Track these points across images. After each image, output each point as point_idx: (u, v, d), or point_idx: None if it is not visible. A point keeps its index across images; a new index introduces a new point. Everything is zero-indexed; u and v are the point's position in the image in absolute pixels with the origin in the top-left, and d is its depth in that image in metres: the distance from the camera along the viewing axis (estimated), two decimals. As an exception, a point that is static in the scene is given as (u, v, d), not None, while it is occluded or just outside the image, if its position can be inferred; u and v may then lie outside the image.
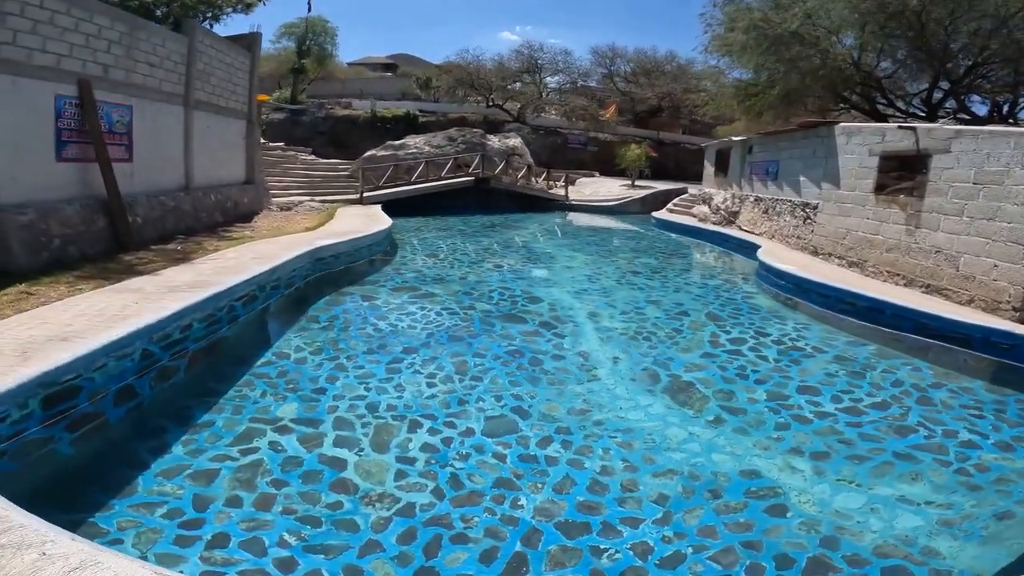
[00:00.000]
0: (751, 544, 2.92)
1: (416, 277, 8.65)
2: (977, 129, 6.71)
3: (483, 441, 3.84)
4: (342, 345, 5.50)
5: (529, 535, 2.90)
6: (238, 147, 13.43)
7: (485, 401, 4.47)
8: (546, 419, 4.23)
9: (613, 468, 3.61)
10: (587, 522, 3.04)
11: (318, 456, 3.49)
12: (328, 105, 28.38)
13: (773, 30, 12.69)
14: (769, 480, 3.54)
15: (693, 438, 4.08)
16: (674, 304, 7.82)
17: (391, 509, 3.04)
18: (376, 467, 3.43)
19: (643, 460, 3.72)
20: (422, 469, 3.44)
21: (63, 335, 3.80)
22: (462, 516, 3.03)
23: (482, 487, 3.31)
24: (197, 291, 5.21)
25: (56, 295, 5.15)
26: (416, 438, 3.81)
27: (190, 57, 10.49)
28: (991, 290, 6.27)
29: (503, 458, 3.65)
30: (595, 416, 4.35)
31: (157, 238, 9.01)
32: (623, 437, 4.03)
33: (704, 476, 3.57)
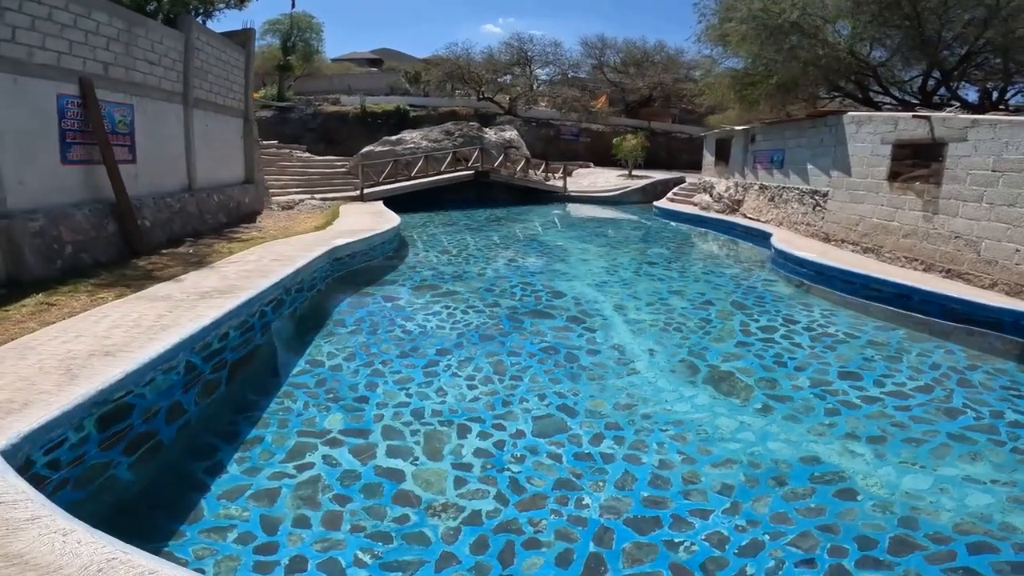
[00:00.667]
0: (827, 528, 3.00)
1: (434, 275, 8.62)
2: (995, 118, 6.87)
3: (535, 442, 3.83)
4: (374, 349, 5.46)
5: (600, 534, 2.93)
6: (237, 146, 13.33)
7: (529, 401, 4.46)
8: (594, 416, 4.25)
9: (671, 461, 3.66)
10: (656, 516, 3.08)
11: (374, 468, 3.46)
12: (316, 102, 28.13)
13: (773, 20, 12.79)
14: (831, 465, 3.62)
15: (745, 427, 4.15)
16: (697, 294, 7.91)
17: (458, 519, 3.03)
18: (434, 476, 3.41)
19: (699, 452, 3.78)
20: (480, 475, 3.43)
21: (105, 349, 3.71)
22: (530, 520, 3.03)
23: (543, 489, 3.31)
24: (229, 297, 5.14)
25: (79, 305, 5.05)
26: (467, 443, 3.80)
27: (187, 54, 10.37)
28: (1014, 274, 6.45)
29: (558, 458, 3.65)
30: (642, 410, 4.39)
31: (166, 241, 8.95)
32: (675, 430, 4.08)
33: (764, 464, 3.64)
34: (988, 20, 12.28)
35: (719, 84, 17.83)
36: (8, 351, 3.76)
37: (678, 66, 31.52)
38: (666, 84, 31.40)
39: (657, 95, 32.24)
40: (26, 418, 2.73)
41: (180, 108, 10.26)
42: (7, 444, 2.52)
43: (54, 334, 4.11)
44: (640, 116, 33.73)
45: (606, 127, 30.48)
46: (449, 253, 10.44)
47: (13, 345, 3.89)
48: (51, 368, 3.38)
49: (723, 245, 12.73)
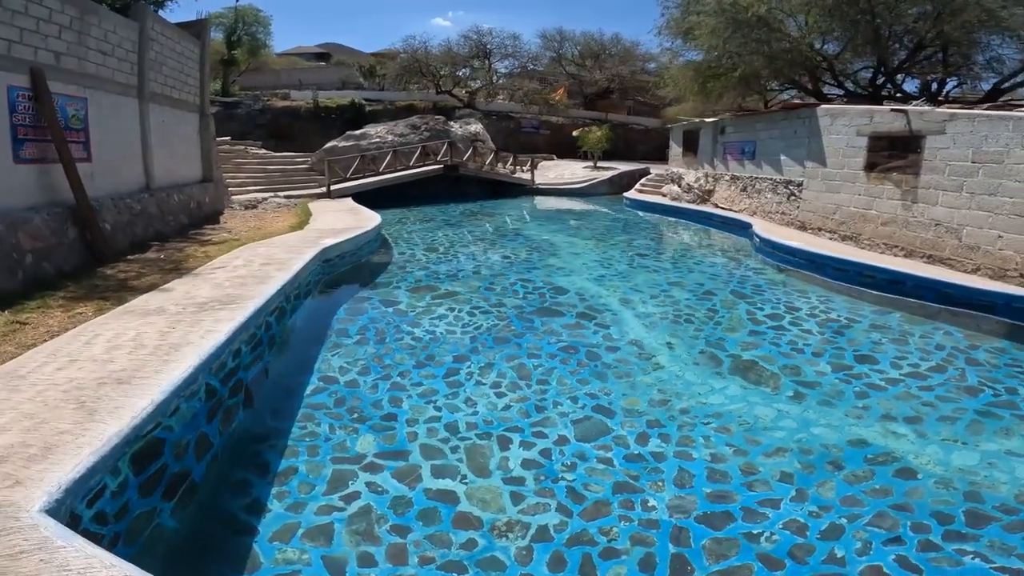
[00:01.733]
0: (901, 507, 3.14)
1: (428, 275, 8.45)
2: (974, 112, 7.35)
3: (582, 447, 3.79)
4: (388, 361, 5.21)
5: (676, 534, 2.93)
6: (193, 142, 12.72)
7: (563, 404, 4.40)
8: (632, 415, 4.26)
9: (722, 455, 3.71)
10: (727, 511, 3.13)
11: (424, 492, 3.30)
12: (264, 97, 27.15)
13: (741, 14, 13.23)
14: (879, 447, 3.80)
15: (784, 415, 4.28)
16: (696, 284, 8.11)
17: (526, 536, 2.94)
18: (488, 494, 3.29)
19: (747, 442, 3.86)
20: (535, 487, 3.35)
21: (115, 376, 3.34)
22: (600, 529, 2.99)
23: (604, 495, 3.28)
24: (234, 307, 4.80)
25: (56, 323, 4.61)
26: (512, 455, 3.69)
27: (142, 45, 9.79)
28: (997, 259, 6.95)
29: (609, 462, 3.63)
30: (678, 405, 4.45)
31: (129, 246, 8.41)
32: (716, 422, 4.15)
33: (815, 450, 3.77)
34: (938, 15, 13.17)
35: (683, 76, 18.26)
36: None
37: (634, 58, 32.11)
38: (624, 76, 31.95)
39: (615, 87, 32.76)
40: (58, 465, 2.39)
41: (135, 102, 9.68)
42: (49, 500, 2.17)
43: (42, 359, 3.70)
44: (597, 108, 34.29)
45: (565, 120, 30.82)
46: (435, 251, 10.27)
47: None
48: (58, 401, 3.02)
49: (703, 235, 13.09)
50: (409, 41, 30.05)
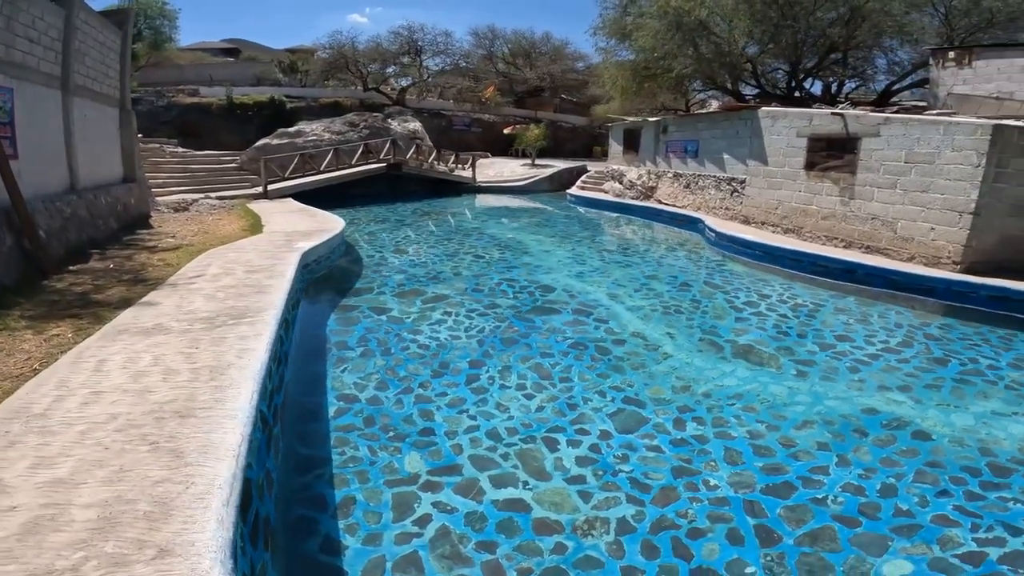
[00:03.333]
0: (934, 464, 3.69)
1: (407, 278, 8.36)
2: (907, 117, 8.44)
3: (627, 439, 3.98)
4: (403, 372, 5.10)
5: (750, 507, 3.21)
6: (114, 139, 11.79)
7: (592, 400, 4.58)
8: (661, 403, 4.57)
9: (758, 431, 4.12)
10: (786, 480, 3.50)
11: (493, 503, 3.30)
12: (169, 93, 25.26)
13: (684, 17, 14.17)
14: (889, 413, 4.39)
15: (796, 392, 4.81)
16: (670, 277, 8.69)
17: (611, 532, 3.04)
18: (557, 496, 3.35)
19: (775, 418, 4.32)
20: (599, 483, 3.47)
21: (170, 408, 3.10)
22: (677, 512, 3.19)
23: (666, 481, 3.48)
24: (250, 321, 4.60)
25: (35, 348, 4.19)
26: (563, 455, 3.79)
27: (67, 33, 9.04)
28: (930, 248, 8.05)
29: (658, 449, 3.85)
30: (699, 389, 4.85)
31: (65, 254, 7.72)
32: (740, 403, 4.58)
33: (836, 421, 4.29)
34: (848, 22, 14.87)
35: (620, 75, 19.07)
36: (12, 426, 2.96)
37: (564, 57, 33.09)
38: (555, 75, 32.82)
39: (546, 85, 33.58)
40: (193, 524, 2.15)
41: (59, 94, 8.90)
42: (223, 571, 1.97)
43: (51, 393, 3.35)
44: (526, 106, 34.99)
45: (496, 117, 31.20)
46: (404, 252, 10.19)
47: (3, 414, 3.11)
48: (120, 444, 2.75)
49: (656, 231, 13.85)
50: (336, 36, 29.16)
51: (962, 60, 12.85)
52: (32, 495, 2.38)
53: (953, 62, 13.04)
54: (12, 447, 2.77)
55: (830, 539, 2.99)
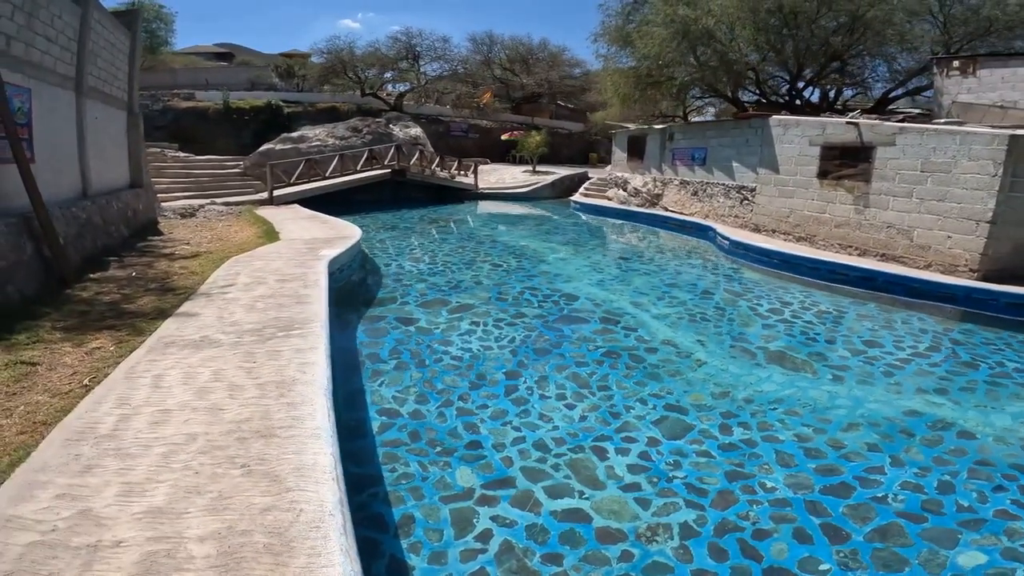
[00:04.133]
0: (983, 462, 3.89)
1: (429, 287, 8.43)
2: (923, 127, 8.75)
3: (675, 445, 4.08)
4: (440, 385, 5.11)
5: (812, 507, 3.33)
6: (121, 143, 11.84)
7: (634, 408, 4.67)
8: (703, 409, 4.71)
9: (805, 434, 4.27)
10: (843, 481, 3.64)
11: (552, 514, 3.34)
12: (165, 97, 25.32)
13: (691, 26, 14.49)
14: (931, 415, 4.60)
15: (836, 396, 4.99)
16: (690, 285, 8.88)
17: (676, 537, 3.11)
18: (616, 504, 3.41)
19: (820, 422, 4.48)
20: (655, 489, 3.54)
21: (249, 428, 3.09)
22: (738, 514, 3.29)
23: (722, 484, 3.59)
24: (300, 332, 4.60)
25: (75, 362, 4.17)
26: (614, 463, 3.85)
27: (83, 33, 9.09)
28: (947, 256, 8.34)
29: (707, 454, 3.97)
30: (739, 395, 5.00)
31: (83, 262, 7.68)
32: (782, 407, 4.74)
33: (881, 423, 4.48)
34: (850, 30, 15.30)
35: (623, 82, 19.35)
36: (82, 448, 2.89)
37: (562, 64, 33.50)
38: (553, 81, 33.21)
39: (544, 91, 33.97)
40: (318, 558, 2.12)
41: (73, 96, 8.93)
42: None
43: (113, 411, 3.28)
44: (523, 112, 35.35)
45: (494, 123, 31.50)
46: (421, 261, 10.29)
47: (63, 435, 3.04)
48: (209, 468, 2.70)
49: (666, 238, 14.07)
50: (333, 41, 29.39)
51: (966, 69, 13.28)
52: (135, 528, 2.30)
53: (957, 71, 13.47)
54: (90, 472, 2.69)
55: (899, 535, 3.16)
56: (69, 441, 2.98)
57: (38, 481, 2.63)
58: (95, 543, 2.22)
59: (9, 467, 2.79)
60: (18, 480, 2.65)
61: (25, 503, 2.47)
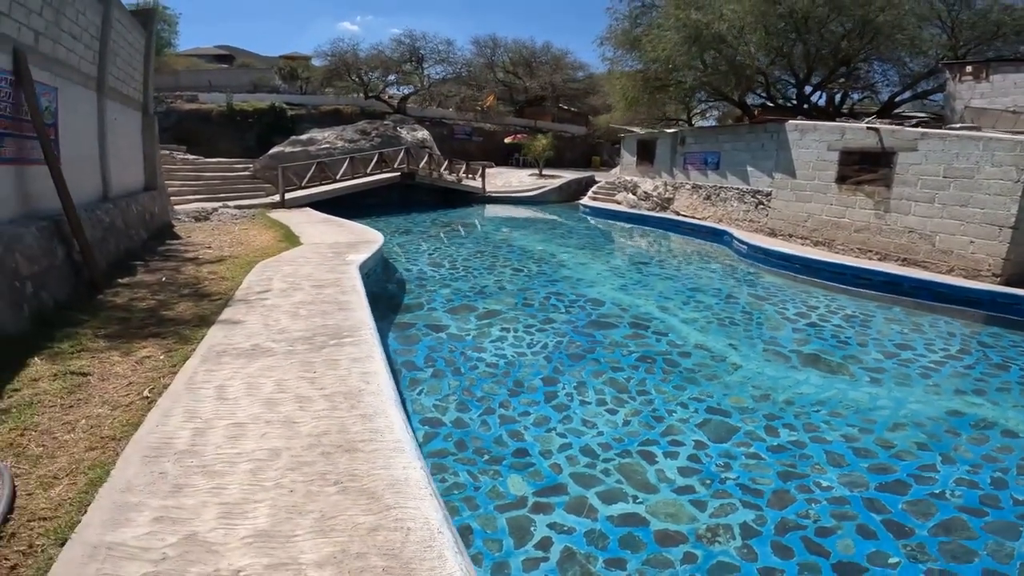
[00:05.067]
0: (1029, 459, 4.06)
1: (454, 293, 8.53)
2: (945, 132, 8.97)
3: (723, 447, 4.19)
4: (478, 393, 5.14)
5: (870, 505, 3.48)
6: (137, 145, 11.89)
7: (676, 412, 4.78)
8: (744, 412, 4.84)
9: (852, 435, 4.42)
10: (897, 479, 3.80)
11: (609, 519, 3.39)
12: (169, 99, 25.51)
13: (704, 31, 14.73)
14: (973, 415, 4.79)
15: (877, 398, 5.17)
16: (713, 289, 9.06)
17: (737, 538, 3.20)
18: (671, 507, 3.47)
19: (865, 422, 4.64)
20: (709, 491, 3.63)
21: (329, 442, 3.08)
22: (798, 513, 3.41)
23: (776, 484, 3.69)
24: (352, 340, 4.60)
25: (127, 371, 4.10)
26: (664, 466, 3.94)
27: (104, 31, 9.07)
28: (970, 261, 8.55)
29: (757, 456, 4.07)
30: (779, 397, 5.16)
31: (109, 267, 7.66)
32: (825, 409, 4.90)
33: (926, 423, 4.66)
34: (860, 34, 15.59)
35: (631, 85, 19.59)
36: (164, 465, 2.84)
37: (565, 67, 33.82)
38: (556, 85, 33.51)
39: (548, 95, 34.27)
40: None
41: (95, 96, 8.89)
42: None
43: (185, 426, 3.24)
44: (526, 115, 35.64)
45: (497, 126, 31.76)
46: (441, 266, 10.40)
47: (139, 452, 2.97)
48: (302, 486, 2.70)
49: (680, 243, 14.28)
50: (337, 44, 29.67)
51: (979, 74, 13.54)
52: (248, 554, 2.24)
53: (970, 76, 13.72)
54: (181, 492, 2.62)
55: (963, 528, 3.33)
56: (148, 458, 2.90)
57: (129, 503, 2.54)
58: (213, 572, 2.14)
59: (90, 486, 2.69)
60: (106, 502, 2.55)
61: (123, 528, 2.37)
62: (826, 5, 14.93)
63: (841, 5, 14.98)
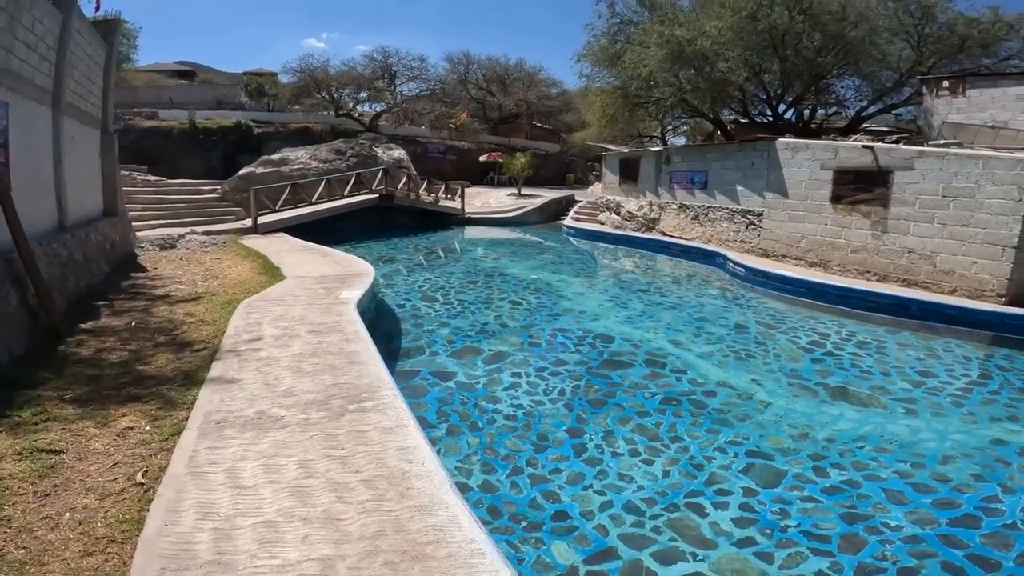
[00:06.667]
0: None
1: (454, 333, 8.04)
2: (943, 151, 9.14)
3: (774, 493, 4.06)
4: (501, 450, 4.83)
5: (947, 540, 3.48)
6: (95, 166, 11.04)
7: (714, 458, 4.60)
8: (787, 453, 4.70)
9: (904, 471, 4.37)
10: (965, 512, 3.79)
11: None
12: (125, 116, 24.65)
13: (687, 47, 14.91)
14: (1015, 443, 4.84)
15: (916, 430, 5.14)
16: (719, 318, 8.96)
17: None
18: (735, 562, 3.38)
19: (913, 456, 4.62)
20: (771, 541, 3.53)
21: (389, 547, 2.68)
22: (874, 555, 3.36)
23: (842, 528, 3.64)
24: (373, 405, 4.15)
25: (107, 447, 3.56)
26: (717, 518, 3.78)
27: (62, 41, 8.32)
28: (973, 282, 8.69)
29: (812, 499, 3.97)
30: (818, 435, 5.05)
31: (67, 308, 6.86)
32: (869, 444, 4.84)
33: (974, 453, 4.66)
34: (836, 50, 16.07)
35: (610, 102, 19.71)
36: None
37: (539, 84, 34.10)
38: (531, 102, 33.72)
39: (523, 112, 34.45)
40: None
41: (50, 113, 8.05)
42: None
43: (206, 527, 2.77)
44: (500, 133, 35.72)
45: (472, 144, 31.69)
46: (434, 300, 9.93)
47: (153, 562, 2.47)
48: None
49: (672, 266, 14.23)
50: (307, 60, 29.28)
51: (956, 89, 14.02)
52: None
53: (947, 91, 14.20)
54: None
55: (1048, 556, 3.28)
56: (168, 571, 2.43)
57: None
58: None
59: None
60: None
61: None
62: (804, 21, 15.33)
63: (818, 21, 15.43)
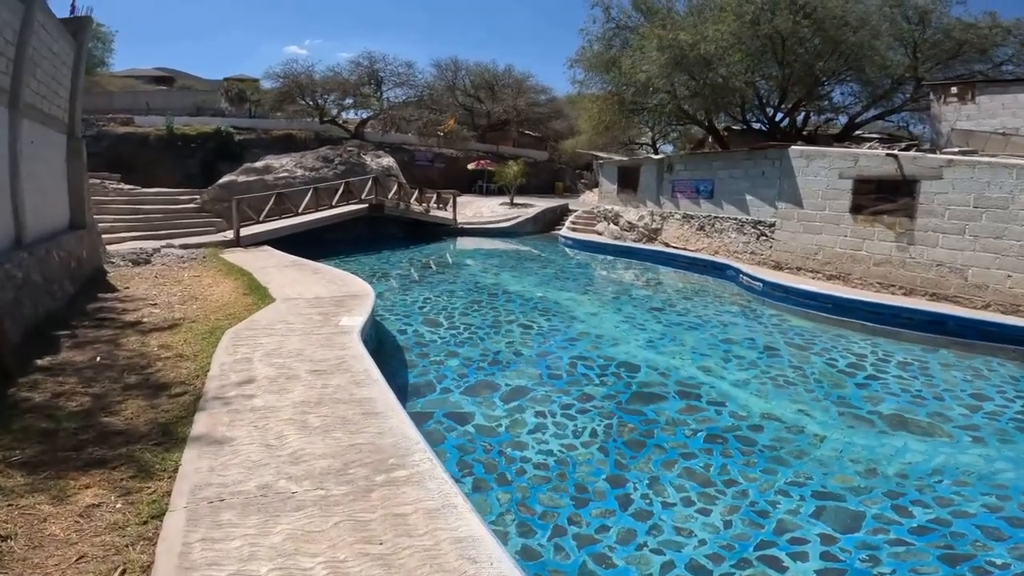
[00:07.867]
0: None
1: (464, 364, 7.32)
2: (973, 159, 8.81)
3: (856, 538, 3.77)
4: (537, 507, 4.27)
5: None
6: (60, 174, 10.15)
7: (779, 503, 4.21)
8: (858, 492, 4.34)
9: (991, 504, 4.18)
10: None
11: None
12: (99, 122, 23.80)
13: (689, 51, 14.57)
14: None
15: (991, 460, 4.90)
16: (746, 340, 8.43)
17: None
18: None
19: (994, 488, 4.45)
20: None
21: None
22: None
23: (945, 570, 3.46)
24: (403, 474, 3.37)
25: (72, 534, 2.79)
26: (798, 571, 3.45)
27: (23, 36, 7.55)
28: (1008, 296, 8.35)
29: (902, 542, 3.72)
30: (887, 470, 4.69)
31: (22, 340, 5.91)
32: (945, 479, 4.60)
33: (1051, 482, 4.33)
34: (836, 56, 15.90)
35: (605, 108, 19.32)
36: None
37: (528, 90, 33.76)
38: (520, 109, 33.35)
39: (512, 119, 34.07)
40: None
41: (6, 113, 7.21)
42: None
43: None
44: (488, 140, 35.26)
45: (460, 152, 31.16)
46: (437, 324, 9.21)
47: None
48: None
49: (680, 279, 13.73)
50: (291, 65, 28.57)
51: (964, 96, 13.83)
52: None
53: (955, 98, 14.01)
54: None
55: None
56: None
57: None
58: None
59: None
60: None
61: None
62: (809, 26, 15.13)
63: (821, 26, 15.24)
